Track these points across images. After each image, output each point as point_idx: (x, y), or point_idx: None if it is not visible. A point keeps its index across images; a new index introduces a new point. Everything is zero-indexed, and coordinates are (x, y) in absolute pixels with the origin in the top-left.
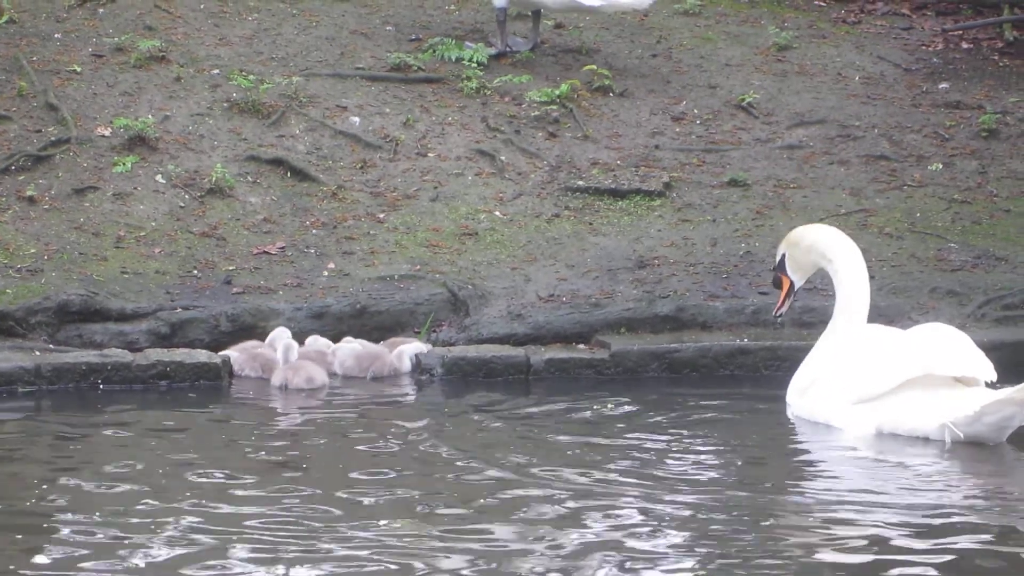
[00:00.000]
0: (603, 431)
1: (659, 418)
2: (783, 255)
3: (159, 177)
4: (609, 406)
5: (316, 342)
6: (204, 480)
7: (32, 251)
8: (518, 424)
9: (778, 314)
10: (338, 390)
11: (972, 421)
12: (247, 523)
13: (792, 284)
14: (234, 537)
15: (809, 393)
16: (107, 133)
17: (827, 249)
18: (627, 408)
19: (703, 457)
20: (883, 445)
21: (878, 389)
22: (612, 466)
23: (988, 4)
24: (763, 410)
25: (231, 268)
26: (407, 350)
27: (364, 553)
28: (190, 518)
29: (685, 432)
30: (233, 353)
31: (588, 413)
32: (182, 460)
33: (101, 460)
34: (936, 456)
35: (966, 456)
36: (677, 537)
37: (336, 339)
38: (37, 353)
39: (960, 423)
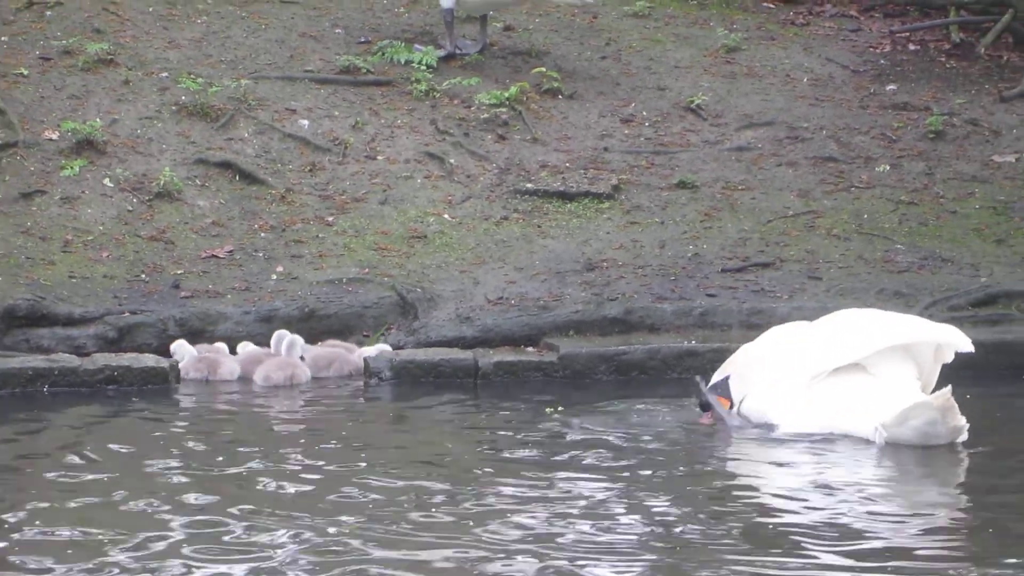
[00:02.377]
0: (543, 433)
1: (602, 422)
2: (726, 377)
3: (107, 181)
4: (559, 409)
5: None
6: (147, 483)
7: None
8: (461, 426)
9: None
10: (288, 393)
11: (897, 424)
12: (183, 524)
13: (732, 405)
14: (173, 538)
15: (756, 391)
16: (55, 136)
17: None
18: (570, 410)
19: (640, 466)
20: (820, 447)
21: (854, 356)
22: (543, 471)
23: (935, 6)
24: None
25: (179, 272)
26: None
27: (304, 557)
28: (125, 524)
29: (627, 437)
30: (183, 351)
31: (531, 415)
32: (123, 463)
33: (41, 463)
34: (871, 461)
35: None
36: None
37: None
38: None
39: (888, 425)
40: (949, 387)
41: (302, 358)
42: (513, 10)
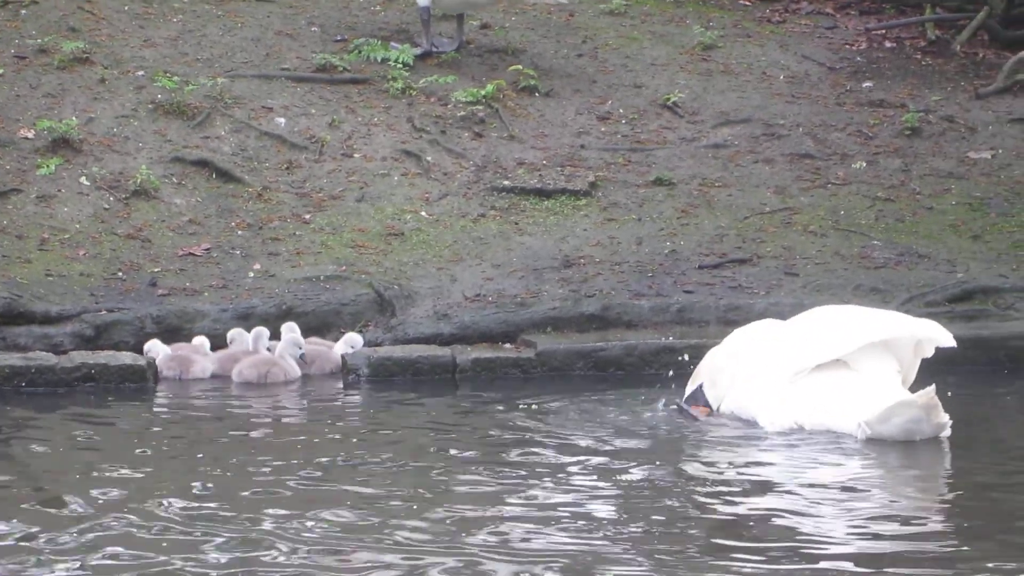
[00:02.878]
0: (516, 431)
1: (575, 419)
2: (699, 386)
3: (83, 179)
4: (533, 406)
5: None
6: (125, 482)
7: None
8: (434, 425)
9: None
10: (263, 391)
11: (881, 421)
12: (169, 522)
13: (710, 413)
14: (157, 538)
15: (737, 385)
16: (30, 135)
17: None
18: (545, 407)
19: (610, 465)
20: (800, 443)
21: (837, 352)
22: (511, 468)
23: (911, 3)
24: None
25: (156, 270)
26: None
27: (298, 550)
28: (108, 522)
29: (599, 434)
30: (157, 349)
31: (506, 413)
32: (97, 462)
33: (17, 461)
34: (855, 457)
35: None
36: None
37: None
38: None
39: (871, 422)
40: (933, 386)
41: (302, 356)
42: (490, 8)
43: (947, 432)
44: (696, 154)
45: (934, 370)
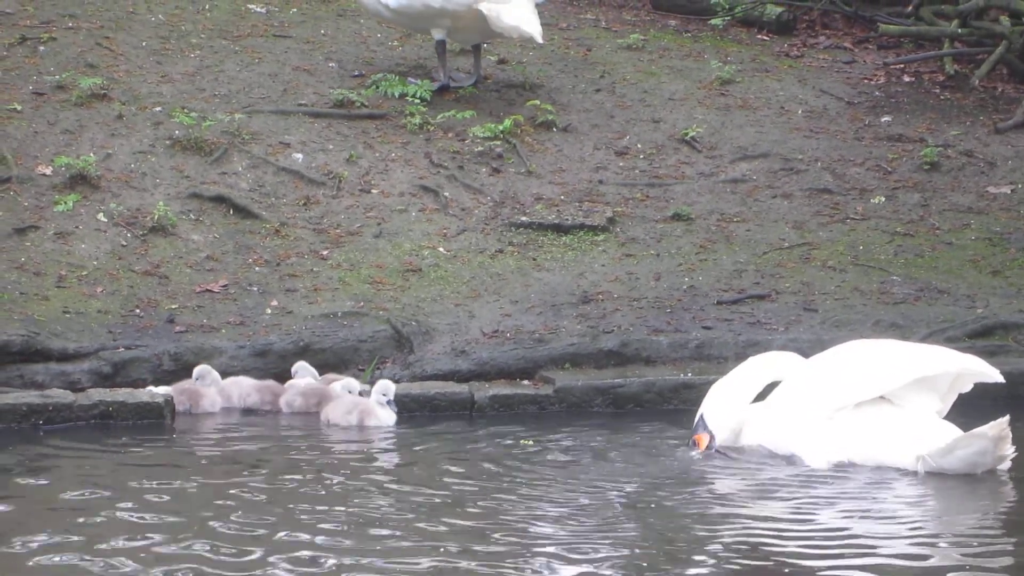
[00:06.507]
0: (519, 464)
1: (586, 457)
2: (701, 415)
3: (101, 216)
4: (529, 441)
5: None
6: (141, 521)
7: None
8: (443, 464)
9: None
10: (282, 425)
11: (943, 454)
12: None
13: (712, 439)
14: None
15: (766, 419)
16: (48, 172)
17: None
18: (553, 444)
19: (620, 505)
20: (843, 478)
21: (883, 388)
22: (510, 503)
23: (929, 38)
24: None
25: (174, 307)
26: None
27: None
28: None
29: (608, 473)
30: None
31: (517, 449)
32: (115, 500)
33: (35, 503)
34: (913, 490)
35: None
36: None
37: (280, 377)
38: None
39: (933, 455)
40: (1007, 416)
41: (390, 402)
42: (506, 42)
43: (1007, 464)
44: (714, 189)
45: (956, 404)
